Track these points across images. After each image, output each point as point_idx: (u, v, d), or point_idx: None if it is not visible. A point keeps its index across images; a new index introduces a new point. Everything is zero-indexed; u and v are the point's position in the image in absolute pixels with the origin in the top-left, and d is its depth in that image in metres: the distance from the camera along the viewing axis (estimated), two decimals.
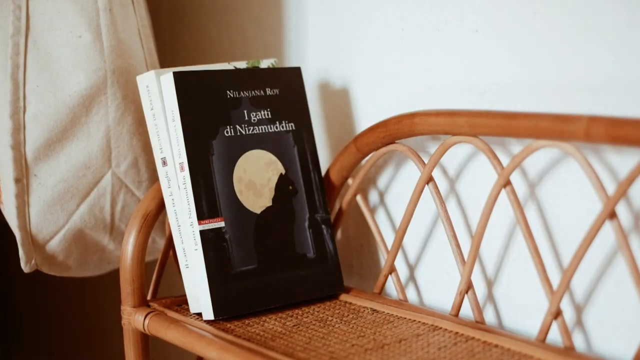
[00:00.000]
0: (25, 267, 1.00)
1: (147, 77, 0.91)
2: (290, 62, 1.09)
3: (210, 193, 0.89)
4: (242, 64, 0.96)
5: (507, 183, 0.82)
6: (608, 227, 0.76)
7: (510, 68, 0.86)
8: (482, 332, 0.81)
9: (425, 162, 0.89)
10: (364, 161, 0.97)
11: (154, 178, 1.02)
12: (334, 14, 1.03)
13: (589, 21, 0.79)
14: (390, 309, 0.90)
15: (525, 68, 0.84)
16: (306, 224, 0.94)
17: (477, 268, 0.90)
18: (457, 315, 0.87)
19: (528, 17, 0.83)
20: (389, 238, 0.99)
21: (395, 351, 0.79)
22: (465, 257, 0.86)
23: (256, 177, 0.92)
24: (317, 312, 0.91)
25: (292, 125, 0.95)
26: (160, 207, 0.94)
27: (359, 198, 0.98)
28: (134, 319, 0.92)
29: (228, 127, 0.91)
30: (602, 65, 0.78)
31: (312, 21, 1.06)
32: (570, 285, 0.80)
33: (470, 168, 0.90)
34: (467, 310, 0.88)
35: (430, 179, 0.89)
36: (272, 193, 0.93)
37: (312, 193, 0.95)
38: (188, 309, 0.93)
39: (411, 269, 0.98)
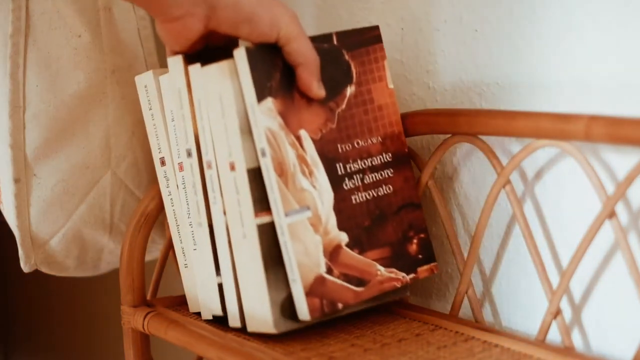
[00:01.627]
0: (24, 266, 1.00)
1: (146, 77, 0.90)
2: None
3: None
4: None
5: (507, 182, 0.82)
6: (608, 227, 0.76)
7: (510, 67, 0.86)
8: (482, 332, 0.81)
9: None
10: None
11: (153, 178, 1.02)
12: (333, 14, 1.03)
13: (588, 20, 0.79)
14: (390, 309, 0.90)
15: (525, 67, 0.84)
16: None
17: (476, 267, 0.90)
18: (457, 315, 0.87)
19: (527, 16, 0.83)
20: None
21: (395, 351, 0.79)
22: (465, 256, 0.86)
23: None
24: None
25: None
26: (160, 207, 0.94)
27: None
28: (133, 319, 0.92)
29: None
30: (602, 65, 0.78)
31: (311, 21, 1.06)
32: (569, 284, 0.80)
33: (470, 167, 0.90)
34: (467, 310, 0.88)
35: (430, 179, 0.89)
36: None
37: None
38: (188, 309, 0.93)
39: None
